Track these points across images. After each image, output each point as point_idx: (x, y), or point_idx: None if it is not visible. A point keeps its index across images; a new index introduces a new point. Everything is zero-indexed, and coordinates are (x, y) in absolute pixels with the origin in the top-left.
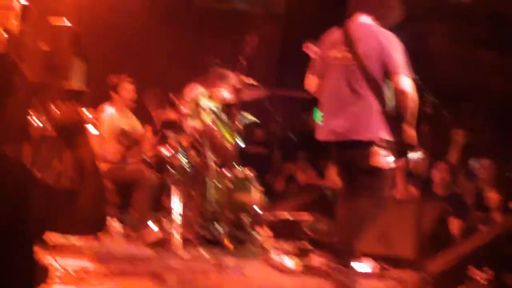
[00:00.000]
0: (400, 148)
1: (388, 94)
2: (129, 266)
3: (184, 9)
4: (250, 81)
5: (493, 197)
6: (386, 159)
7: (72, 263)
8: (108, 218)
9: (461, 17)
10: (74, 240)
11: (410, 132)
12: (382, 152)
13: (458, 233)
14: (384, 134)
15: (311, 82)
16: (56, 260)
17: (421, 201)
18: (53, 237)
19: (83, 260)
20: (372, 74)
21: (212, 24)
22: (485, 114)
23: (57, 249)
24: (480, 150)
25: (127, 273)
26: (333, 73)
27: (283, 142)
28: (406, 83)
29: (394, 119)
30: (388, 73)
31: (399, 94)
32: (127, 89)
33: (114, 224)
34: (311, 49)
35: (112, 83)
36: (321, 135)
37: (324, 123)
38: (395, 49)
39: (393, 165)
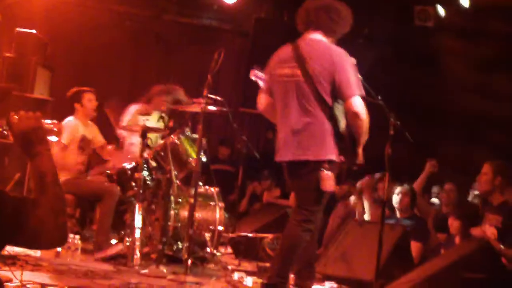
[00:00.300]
0: (349, 169)
1: (338, 112)
2: (88, 281)
3: (153, 23)
4: (215, 97)
5: (453, 222)
6: (331, 182)
7: (30, 277)
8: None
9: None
10: (33, 253)
11: (360, 152)
12: (329, 174)
13: (418, 256)
14: (333, 155)
15: (260, 100)
16: (14, 274)
17: (382, 224)
18: (11, 250)
19: (42, 274)
20: (322, 92)
21: (180, 39)
22: (450, 139)
23: (15, 262)
24: (444, 174)
25: None
26: (282, 90)
27: (248, 160)
28: (359, 104)
29: (346, 138)
30: (340, 94)
31: (352, 116)
32: (89, 100)
33: (73, 238)
34: (258, 76)
35: (73, 94)
36: (276, 156)
37: (278, 143)
38: (347, 69)
39: (333, 188)
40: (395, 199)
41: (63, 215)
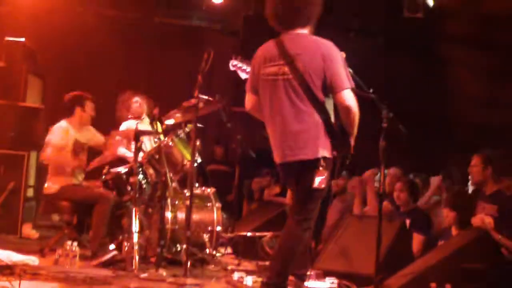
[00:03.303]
0: (344, 162)
1: (328, 107)
2: (87, 287)
3: (142, 25)
4: (207, 97)
5: (449, 213)
6: (325, 179)
7: (29, 286)
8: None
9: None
10: (31, 262)
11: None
12: (323, 171)
13: (420, 248)
14: (327, 152)
15: (247, 100)
16: (12, 284)
17: (380, 218)
18: (8, 260)
19: (40, 282)
20: (313, 88)
21: (170, 41)
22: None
23: (13, 272)
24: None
25: None
26: (271, 89)
27: (243, 159)
28: (350, 98)
29: (338, 131)
30: (330, 88)
31: (344, 110)
32: (92, 109)
33: (71, 245)
34: (238, 67)
35: (76, 97)
36: (275, 157)
37: (273, 144)
38: (337, 62)
39: (325, 185)
40: (394, 195)
41: None
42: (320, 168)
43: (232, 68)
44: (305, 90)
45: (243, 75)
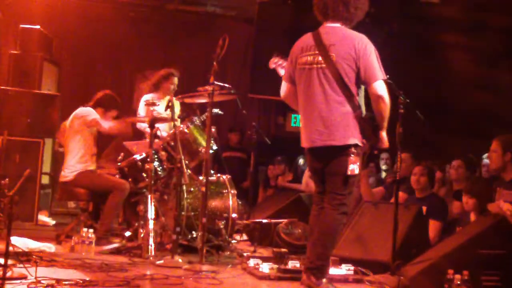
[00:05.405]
0: (371, 152)
1: (360, 99)
2: (103, 275)
3: (157, 13)
4: (222, 83)
5: (468, 200)
6: (357, 166)
7: (45, 273)
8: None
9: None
10: (47, 249)
11: (384, 136)
12: (355, 158)
13: (437, 235)
14: (357, 140)
15: (282, 88)
16: (28, 270)
17: (396, 204)
18: (25, 246)
19: (56, 269)
20: (345, 78)
21: (184, 28)
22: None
23: (29, 259)
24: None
25: (101, 281)
26: (307, 78)
27: (259, 146)
28: (383, 88)
29: (367, 122)
30: (364, 79)
31: (376, 99)
32: (108, 115)
33: (87, 232)
34: (277, 64)
35: (105, 99)
36: (303, 142)
37: (303, 130)
38: (370, 54)
39: (358, 172)
40: (412, 179)
41: None
42: (352, 155)
43: (272, 66)
44: (337, 79)
45: (282, 72)
